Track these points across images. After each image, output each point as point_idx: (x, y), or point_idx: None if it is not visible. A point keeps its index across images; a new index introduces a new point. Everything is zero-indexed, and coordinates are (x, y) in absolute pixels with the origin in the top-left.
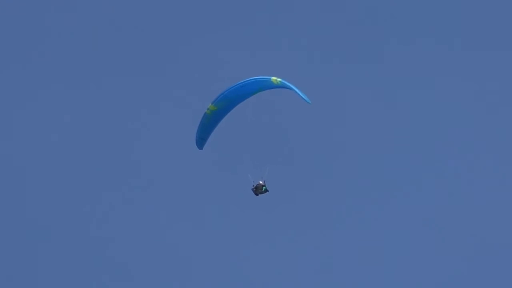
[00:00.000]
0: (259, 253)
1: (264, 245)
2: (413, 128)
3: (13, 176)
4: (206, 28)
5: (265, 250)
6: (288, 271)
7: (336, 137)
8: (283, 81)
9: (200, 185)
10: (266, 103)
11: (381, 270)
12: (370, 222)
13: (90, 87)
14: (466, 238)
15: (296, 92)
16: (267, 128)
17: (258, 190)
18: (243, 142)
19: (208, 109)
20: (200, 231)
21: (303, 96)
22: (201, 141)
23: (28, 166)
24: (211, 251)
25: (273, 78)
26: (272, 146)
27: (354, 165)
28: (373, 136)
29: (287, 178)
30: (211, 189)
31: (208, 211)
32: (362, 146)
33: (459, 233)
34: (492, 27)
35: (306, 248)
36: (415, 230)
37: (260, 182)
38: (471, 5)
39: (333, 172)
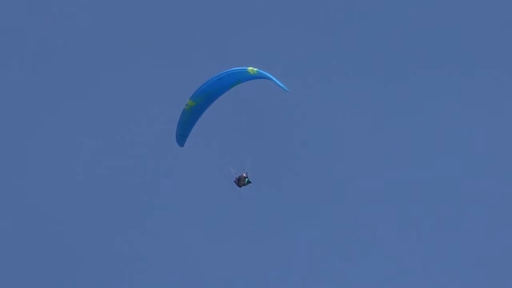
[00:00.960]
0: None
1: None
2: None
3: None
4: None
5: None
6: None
7: (320, 127)
8: (260, 70)
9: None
10: (245, 95)
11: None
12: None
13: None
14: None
15: (273, 80)
16: (247, 120)
17: (241, 182)
18: (223, 135)
19: (186, 105)
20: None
21: (280, 85)
22: (181, 138)
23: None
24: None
25: (250, 68)
26: (253, 137)
27: (340, 156)
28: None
29: (270, 169)
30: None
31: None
32: (342, 136)
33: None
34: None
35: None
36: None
37: (243, 174)
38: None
39: (318, 164)
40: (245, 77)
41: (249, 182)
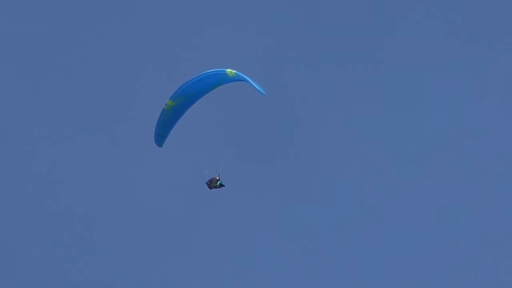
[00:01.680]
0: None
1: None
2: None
3: None
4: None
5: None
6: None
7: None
8: (238, 72)
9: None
10: (224, 97)
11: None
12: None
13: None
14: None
15: (250, 83)
16: (225, 122)
17: (212, 183)
18: (201, 137)
19: (166, 104)
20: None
21: (257, 88)
22: (160, 138)
23: None
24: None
25: (228, 70)
26: (231, 139)
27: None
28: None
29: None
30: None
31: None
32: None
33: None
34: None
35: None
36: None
37: (215, 176)
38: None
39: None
40: (224, 79)
41: (221, 185)
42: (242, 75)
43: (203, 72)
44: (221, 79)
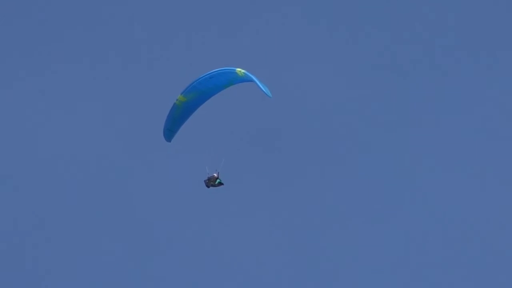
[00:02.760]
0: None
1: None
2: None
3: None
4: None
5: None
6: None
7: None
8: (247, 72)
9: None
10: (232, 97)
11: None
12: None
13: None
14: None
15: (258, 85)
16: (231, 122)
17: (211, 182)
18: (203, 135)
19: (177, 99)
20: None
21: (264, 90)
22: (169, 133)
23: None
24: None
25: (238, 69)
26: (234, 140)
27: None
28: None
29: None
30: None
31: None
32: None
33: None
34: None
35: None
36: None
37: (214, 174)
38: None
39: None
40: (235, 78)
41: (220, 183)
42: (251, 75)
43: (214, 70)
44: (232, 78)
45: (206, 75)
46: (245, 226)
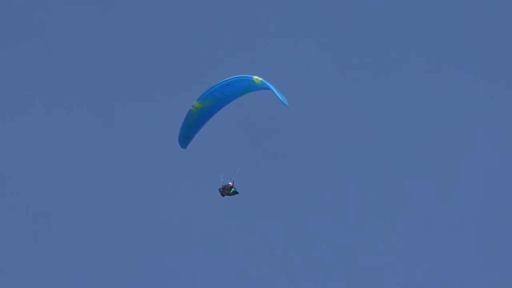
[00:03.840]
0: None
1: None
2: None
3: None
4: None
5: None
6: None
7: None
8: (264, 80)
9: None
10: (248, 105)
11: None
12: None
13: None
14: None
15: (275, 93)
16: (246, 129)
17: (225, 190)
18: (217, 142)
19: (193, 106)
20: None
21: (281, 99)
22: (184, 139)
23: None
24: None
25: (255, 77)
26: (248, 146)
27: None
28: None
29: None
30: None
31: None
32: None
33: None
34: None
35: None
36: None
37: (229, 183)
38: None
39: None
40: (252, 86)
41: (235, 192)
42: (268, 83)
43: (231, 77)
44: (249, 86)
45: (222, 82)
46: (244, 226)
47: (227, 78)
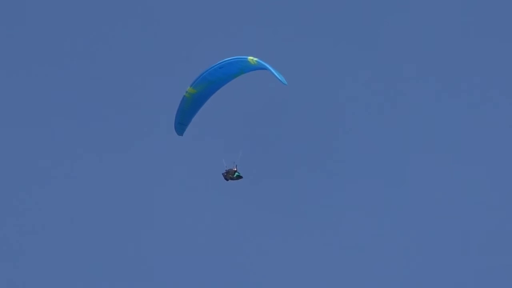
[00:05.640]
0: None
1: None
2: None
3: None
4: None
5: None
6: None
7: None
8: (259, 60)
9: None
10: (245, 87)
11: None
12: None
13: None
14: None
15: (272, 72)
16: (245, 113)
17: (229, 175)
18: (218, 126)
19: (187, 92)
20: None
21: (278, 77)
22: (180, 126)
23: None
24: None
25: (250, 58)
26: (250, 130)
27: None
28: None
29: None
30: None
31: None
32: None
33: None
34: None
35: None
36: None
37: (233, 168)
38: None
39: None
40: (246, 66)
41: (239, 176)
42: (264, 63)
43: (225, 59)
44: (243, 67)
45: (216, 65)
46: (244, 224)
47: (221, 61)
